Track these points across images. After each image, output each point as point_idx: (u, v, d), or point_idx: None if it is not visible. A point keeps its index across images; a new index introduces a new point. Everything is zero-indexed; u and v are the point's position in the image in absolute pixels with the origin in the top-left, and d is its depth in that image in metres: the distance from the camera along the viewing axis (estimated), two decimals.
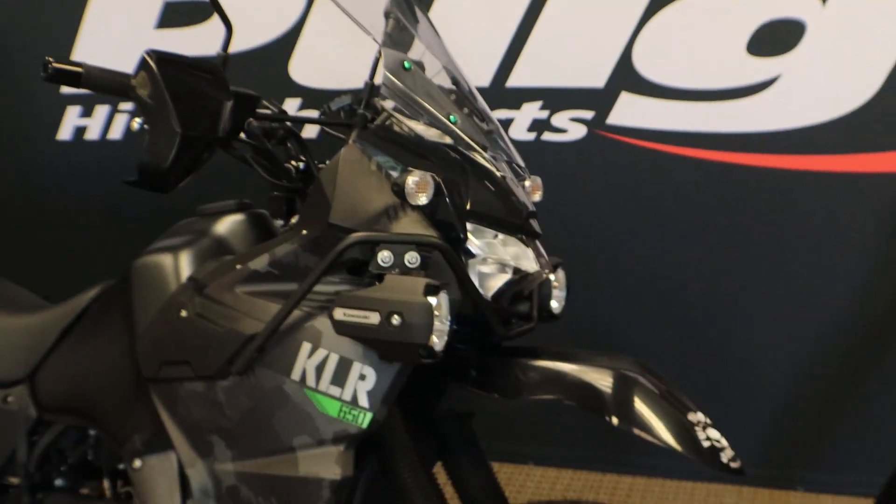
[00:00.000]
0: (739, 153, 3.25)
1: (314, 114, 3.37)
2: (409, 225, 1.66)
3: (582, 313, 2.16)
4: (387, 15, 2.02)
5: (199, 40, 3.55)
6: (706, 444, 1.61)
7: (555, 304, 1.90)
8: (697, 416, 1.65)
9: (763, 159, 3.24)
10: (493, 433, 2.02)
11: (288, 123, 2.03)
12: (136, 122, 1.68)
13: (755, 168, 3.25)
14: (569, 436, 3.58)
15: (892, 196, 3.14)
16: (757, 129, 3.22)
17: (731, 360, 3.42)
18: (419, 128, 1.80)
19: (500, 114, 3.35)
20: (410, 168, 1.67)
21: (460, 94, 1.94)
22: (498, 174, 1.81)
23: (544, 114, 3.37)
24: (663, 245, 3.39)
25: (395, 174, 1.69)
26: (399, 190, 1.64)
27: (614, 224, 3.44)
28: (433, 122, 1.80)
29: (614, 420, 1.61)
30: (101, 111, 3.82)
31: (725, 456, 1.61)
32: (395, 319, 1.56)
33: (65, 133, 3.88)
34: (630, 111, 3.31)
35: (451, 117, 1.82)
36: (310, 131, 3.17)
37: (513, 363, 1.76)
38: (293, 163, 2.00)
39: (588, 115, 3.34)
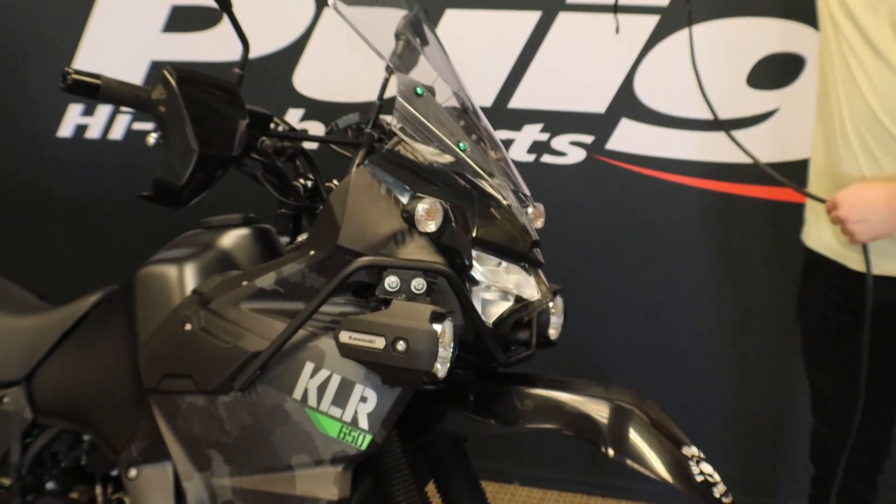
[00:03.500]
0: (736, 183, 3.26)
1: (320, 128, 3.40)
2: (417, 251, 1.66)
3: (573, 338, 2.17)
4: (398, 36, 2.04)
5: (205, 46, 3.55)
6: (699, 478, 1.62)
7: (552, 332, 1.93)
8: (691, 450, 1.67)
9: (759, 190, 3.25)
10: (478, 451, 2.03)
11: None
12: (153, 138, 1.70)
13: (751, 199, 3.26)
14: (554, 457, 3.60)
15: None
16: None
17: (722, 389, 3.44)
18: (428, 152, 1.81)
19: (501, 134, 3.35)
20: (420, 194, 1.68)
21: (469, 121, 1.96)
22: (504, 202, 1.83)
23: (545, 136, 3.38)
24: (657, 272, 3.40)
25: (404, 199, 1.70)
26: (409, 216, 1.65)
27: (609, 248, 3.45)
28: (443, 149, 1.82)
29: (610, 451, 1.63)
30: (103, 110, 3.80)
31: (718, 491, 1.63)
32: (401, 345, 1.57)
33: (65, 130, 3.87)
34: (629, 137, 3.32)
35: (461, 144, 1.83)
36: (312, 143, 3.17)
37: (510, 390, 1.77)
38: (301, 181, 2.02)
39: (588, 139, 3.35)
